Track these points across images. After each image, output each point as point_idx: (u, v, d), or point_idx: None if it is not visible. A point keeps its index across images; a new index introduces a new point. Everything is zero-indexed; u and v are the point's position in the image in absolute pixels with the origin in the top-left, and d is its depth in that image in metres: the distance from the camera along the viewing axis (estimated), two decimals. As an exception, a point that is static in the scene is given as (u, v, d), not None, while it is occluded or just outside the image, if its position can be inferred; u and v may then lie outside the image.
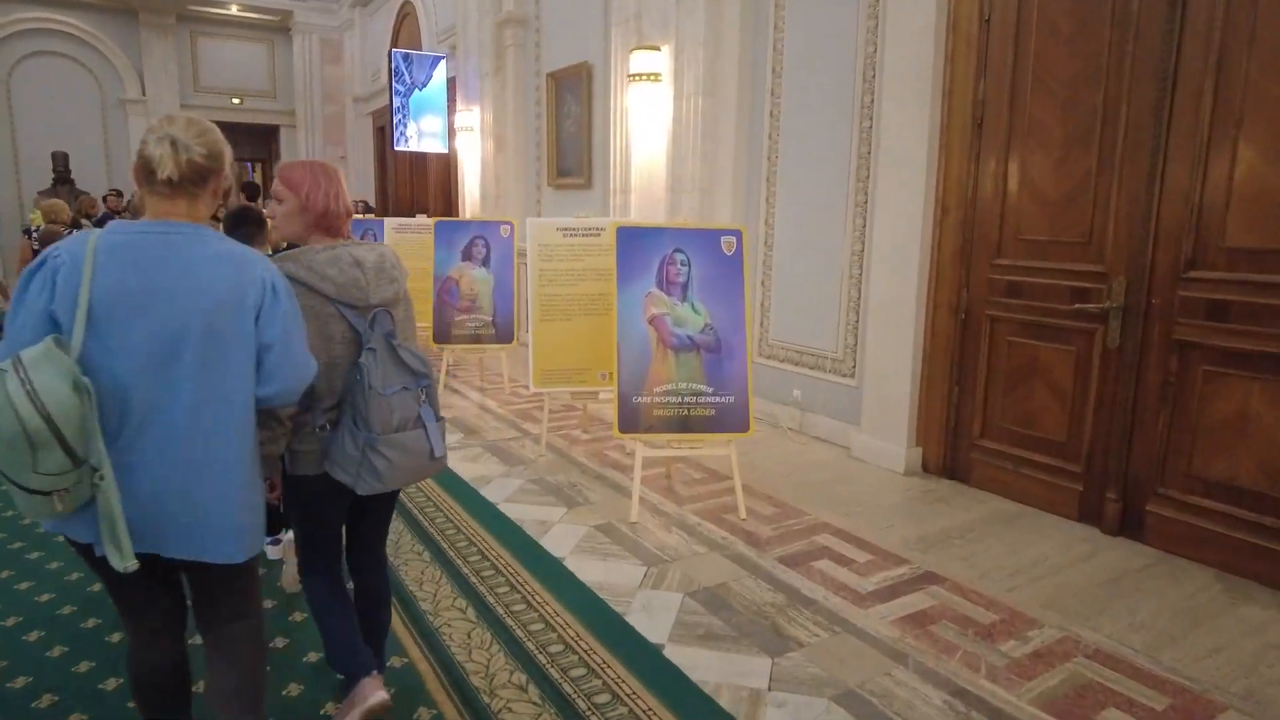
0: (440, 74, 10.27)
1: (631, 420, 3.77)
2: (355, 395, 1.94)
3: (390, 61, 9.94)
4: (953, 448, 4.38)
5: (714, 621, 2.83)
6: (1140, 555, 3.41)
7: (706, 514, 3.81)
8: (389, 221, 7.87)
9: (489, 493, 4.08)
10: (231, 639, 1.86)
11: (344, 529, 2.28)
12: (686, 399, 3.79)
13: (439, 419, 2.08)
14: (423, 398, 2.03)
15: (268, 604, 2.90)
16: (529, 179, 8.86)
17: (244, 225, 3.37)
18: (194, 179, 1.68)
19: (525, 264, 5.11)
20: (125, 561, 1.58)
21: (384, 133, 13.99)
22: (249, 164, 20.56)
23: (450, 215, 11.04)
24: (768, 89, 5.44)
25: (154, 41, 15.20)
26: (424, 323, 6.81)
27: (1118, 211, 3.58)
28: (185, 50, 15.70)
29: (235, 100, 16.20)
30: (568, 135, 7.97)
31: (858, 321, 4.86)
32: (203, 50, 15.93)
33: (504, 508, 3.87)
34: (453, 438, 5.08)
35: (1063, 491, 3.84)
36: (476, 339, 6.38)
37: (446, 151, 10.42)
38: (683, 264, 3.87)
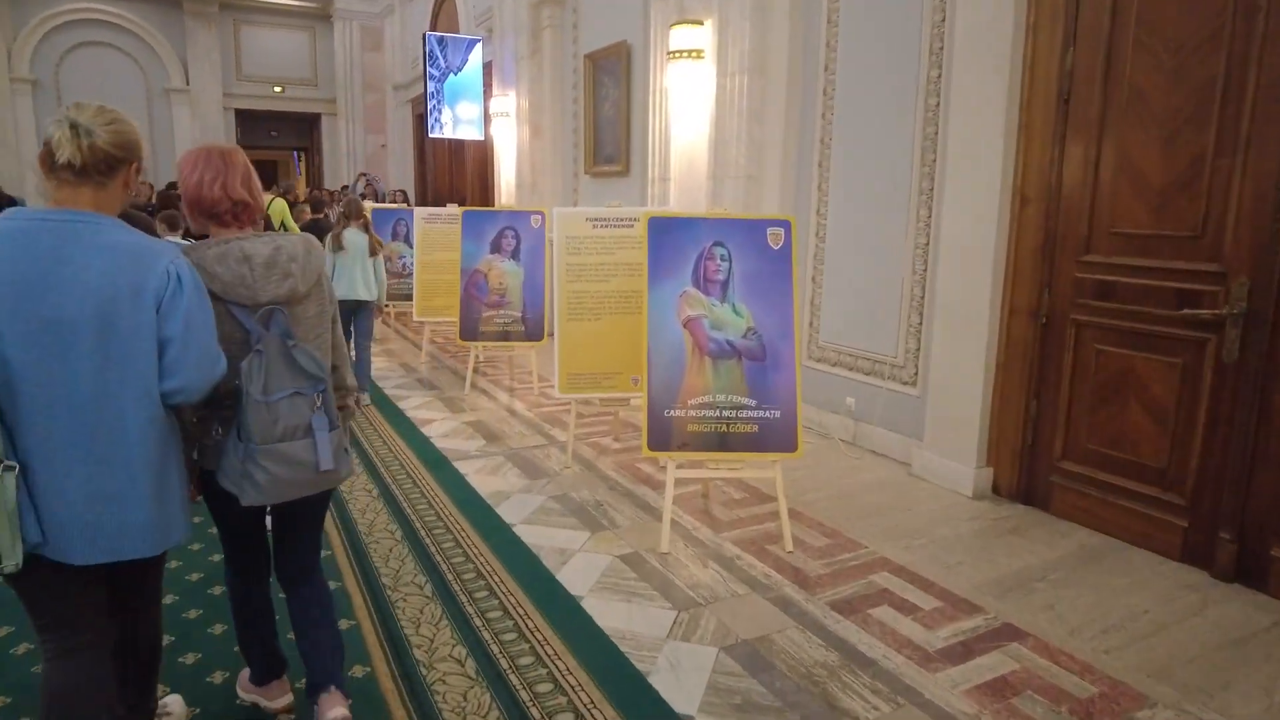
0: (476, 58, 9.92)
1: (662, 436, 3.34)
2: (238, 401, 1.83)
3: (425, 44, 9.62)
4: (1029, 470, 3.86)
5: (754, 687, 2.39)
6: (1264, 610, 2.87)
7: (747, 544, 3.36)
8: (419, 212, 7.55)
9: (506, 511, 3.69)
10: (134, 631, 1.93)
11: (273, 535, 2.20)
12: (726, 413, 3.34)
13: (334, 427, 1.93)
14: (318, 404, 1.90)
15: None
16: (566, 167, 8.46)
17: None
18: (100, 168, 1.64)
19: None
20: (7, 561, 1.55)
21: (423, 121, 13.74)
22: (295, 153, 20.60)
23: (488, 205, 10.72)
24: (820, 65, 4.94)
25: (198, 30, 15.18)
26: (451, 317, 6.49)
27: (1241, 201, 3.02)
28: (228, 38, 15.66)
29: (277, 89, 16.13)
30: (605, 120, 7.55)
31: (921, 324, 4.35)
32: (245, 38, 15.88)
33: (521, 531, 3.48)
34: (473, 444, 4.71)
35: (1162, 526, 3.31)
36: (505, 336, 6.00)
37: (483, 139, 10.08)
38: (723, 259, 3.41)
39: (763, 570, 3.12)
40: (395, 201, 11.86)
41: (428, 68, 9.62)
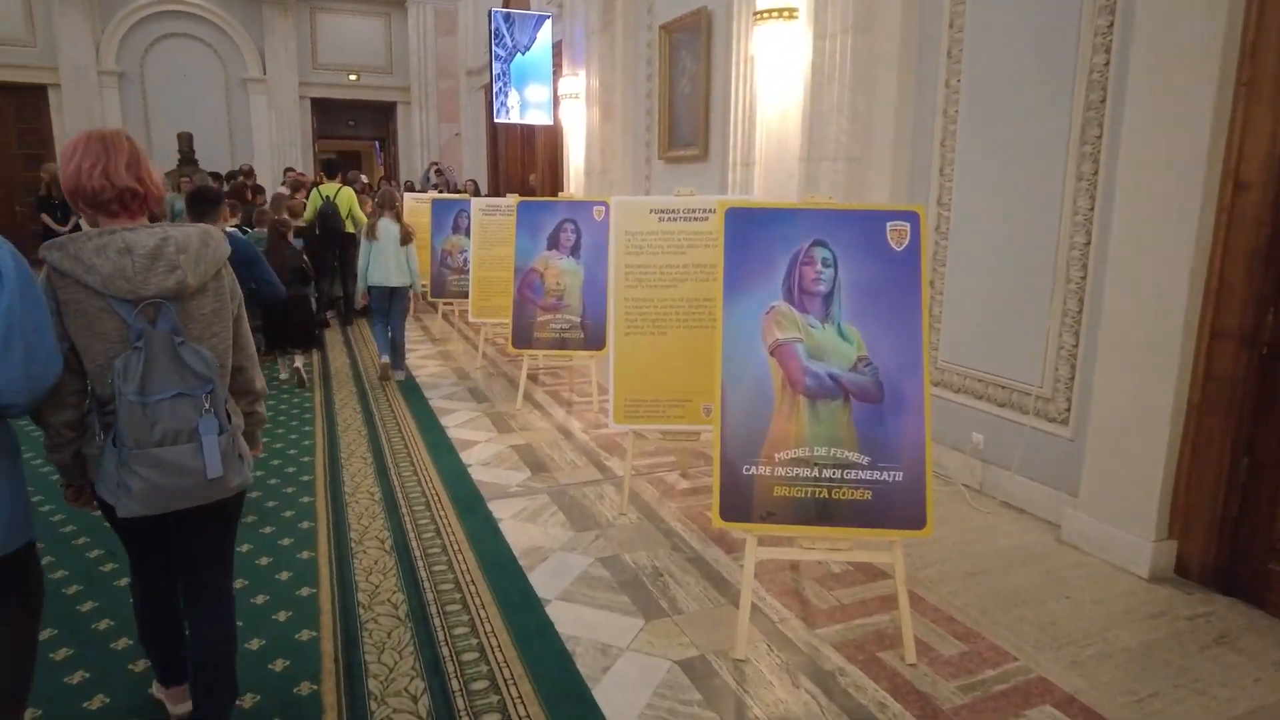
0: (545, 36, 9.21)
1: (740, 503, 2.51)
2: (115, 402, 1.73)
3: (490, 22, 8.97)
4: (1234, 549, 2.88)
5: None
6: None
7: (853, 648, 2.51)
8: (476, 203, 6.89)
9: (540, 579, 2.94)
10: None
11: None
12: (828, 473, 2.49)
13: (224, 431, 1.80)
14: (206, 406, 1.78)
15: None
16: (638, 152, 7.67)
17: (201, 204, 3.81)
18: None
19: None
20: None
21: (495, 107, 13.20)
22: (376, 143, 20.44)
23: (556, 195, 10.04)
24: (944, 18, 3.99)
25: (275, 19, 15.02)
26: (505, 318, 5.81)
27: None
28: (305, 27, 15.46)
29: (352, 77, 15.87)
30: (682, 98, 6.71)
31: (1077, 346, 3.38)
32: (321, 26, 15.66)
33: (556, 611, 2.72)
34: (515, 477, 3.99)
35: None
36: (562, 344, 5.27)
37: (552, 123, 9.38)
38: (825, 264, 2.56)
39: (876, 694, 2.27)
40: (467, 192, 11.33)
41: (494, 47, 8.97)
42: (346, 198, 8.69)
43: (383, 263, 5.96)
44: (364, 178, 12.32)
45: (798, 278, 2.55)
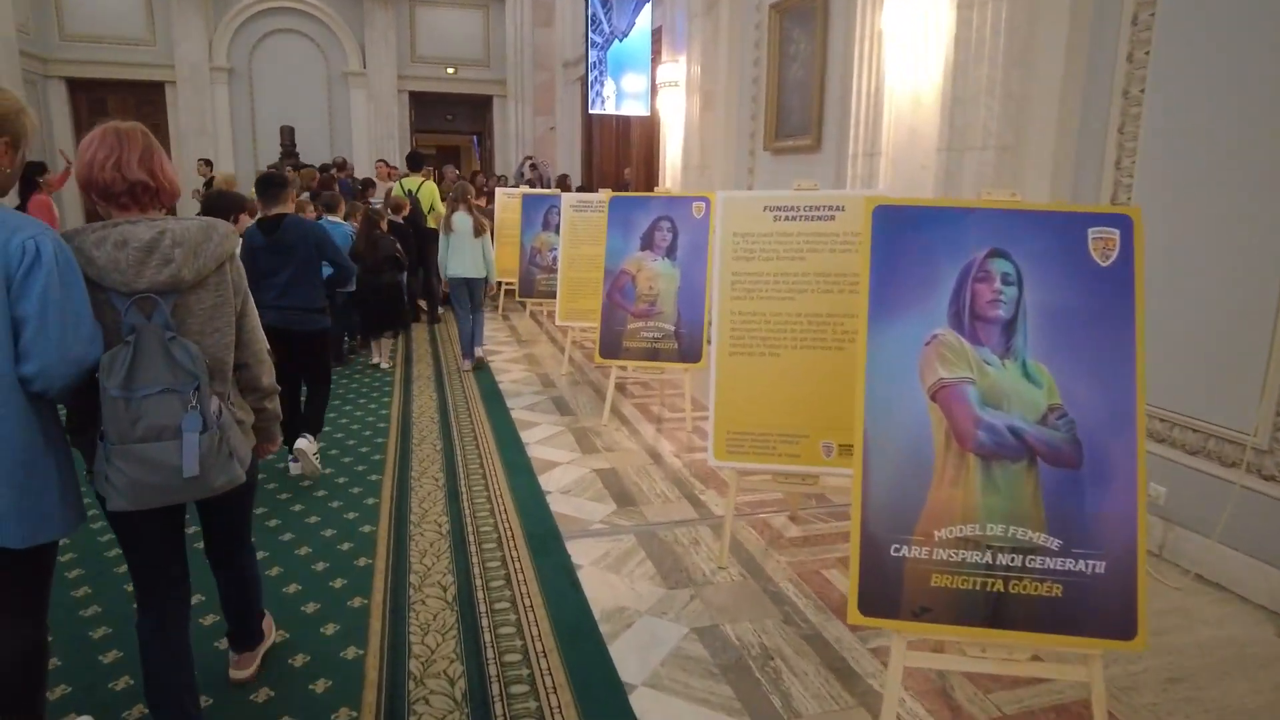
0: (645, 22, 8.72)
1: (886, 592, 1.94)
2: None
3: (587, 6, 8.55)
4: None
5: None
6: None
7: (1028, 786, 1.91)
8: (567, 198, 6.46)
9: (624, 654, 2.43)
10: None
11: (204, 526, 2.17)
12: (1004, 559, 1.89)
13: (206, 429, 1.75)
14: (193, 402, 1.74)
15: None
16: (740, 143, 7.08)
17: (269, 188, 3.96)
18: None
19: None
20: None
21: (590, 99, 12.82)
22: (475, 138, 20.47)
23: (651, 190, 9.56)
24: (1133, -23, 3.27)
25: (375, 12, 15.08)
26: (593, 322, 5.36)
27: None
28: (404, 20, 15.48)
29: (449, 70, 15.81)
30: (793, 83, 6.10)
31: (1315, 386, 2.65)
32: (420, 19, 15.65)
33: (642, 702, 2.21)
34: (598, 510, 3.51)
35: None
36: (654, 354, 4.76)
37: (648, 114, 8.89)
38: (1006, 281, 1.96)
39: None
40: (561, 187, 11.00)
41: (590, 33, 8.55)
42: (429, 192, 8.50)
43: (460, 255, 6.08)
44: (455, 170, 12.18)
45: (969, 298, 1.95)
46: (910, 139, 4.26)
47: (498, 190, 9.14)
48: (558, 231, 7.52)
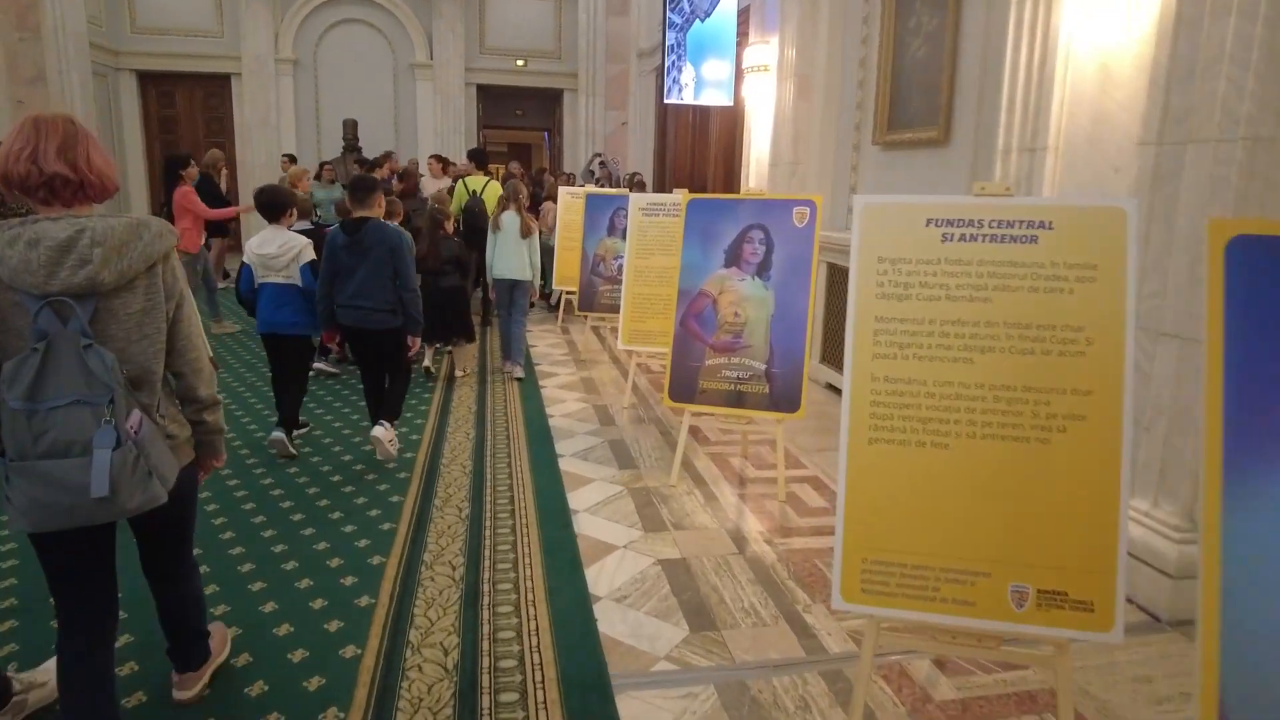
0: (730, 1, 7.72)
1: None
2: None
3: (665, -17, 7.60)
4: None
5: None
6: None
7: None
8: (636, 199, 5.50)
9: None
10: None
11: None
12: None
13: (120, 445, 1.62)
14: (106, 416, 1.62)
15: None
16: (842, 137, 6.02)
17: (359, 190, 3.99)
18: None
19: (849, 284, 2.35)
20: None
21: (665, 91, 11.86)
22: (545, 133, 19.74)
23: (732, 191, 8.53)
24: None
25: (444, 2, 14.44)
26: (662, 346, 4.41)
27: None
28: (473, 9, 14.80)
29: (519, 62, 15.07)
30: (914, 65, 5.01)
31: None
32: (490, 8, 14.95)
33: None
34: (662, 632, 2.54)
35: None
36: (738, 399, 3.77)
37: (731, 104, 7.88)
38: None
39: None
40: (631, 187, 10.06)
41: (668, 13, 7.59)
42: (494, 192, 7.71)
43: (505, 255, 5.81)
44: (520, 167, 11.38)
45: None
46: (1095, 128, 3.16)
47: (561, 191, 8.26)
48: (625, 237, 6.63)
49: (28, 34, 11.34)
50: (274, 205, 4.19)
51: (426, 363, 5.92)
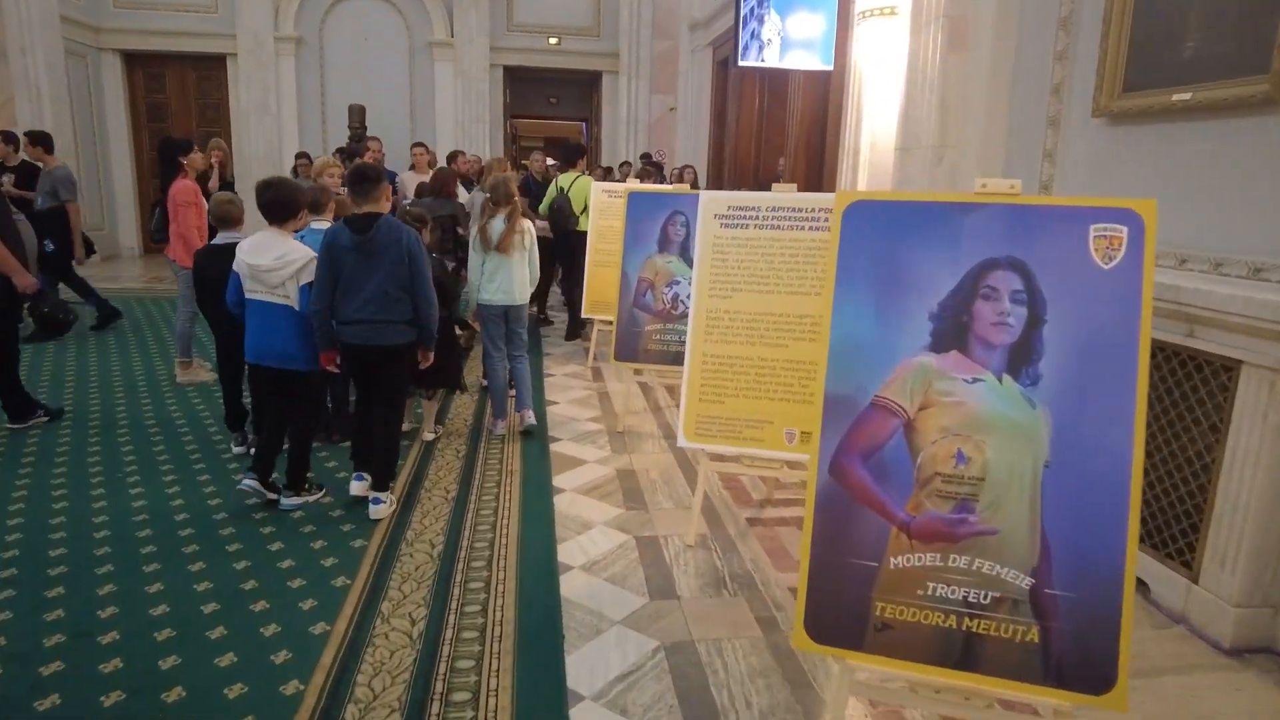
0: (831, -74, 5.62)
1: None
2: None
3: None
4: None
5: None
6: None
7: None
8: (709, 202, 3.39)
9: None
10: None
11: None
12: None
13: None
14: None
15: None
16: (1027, 105, 3.89)
17: (362, 183, 3.32)
18: None
19: None
20: None
21: (726, 66, 9.78)
22: (584, 123, 17.64)
23: (820, 187, 6.42)
24: None
25: (466, -31, 12.54)
26: (767, 449, 2.44)
27: None
28: (500, -20, 12.89)
29: (552, 40, 13.09)
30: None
31: None
32: (520, -21, 13.02)
33: None
34: None
35: None
36: (964, 650, 1.70)
37: (831, 68, 5.77)
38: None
39: None
40: (686, 183, 8.00)
41: (745, -56, 5.50)
42: (582, 189, 6.60)
43: (506, 274, 4.36)
44: (548, 160, 9.39)
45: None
46: None
47: (594, 187, 6.25)
48: (684, 256, 4.58)
49: (-19, 6, 9.62)
50: (279, 204, 3.37)
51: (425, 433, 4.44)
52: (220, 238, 3.79)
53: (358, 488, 3.44)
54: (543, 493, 3.58)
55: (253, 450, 3.71)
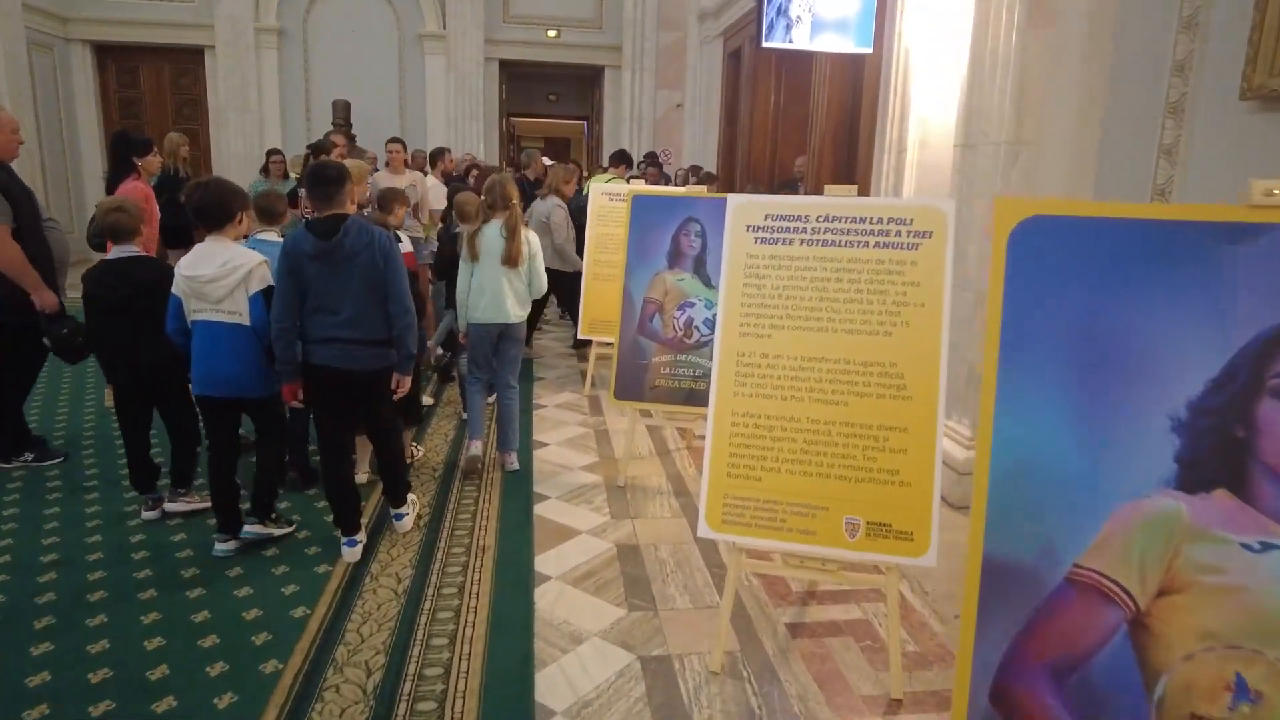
0: (870, -113, 4.82)
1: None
2: None
3: None
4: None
5: None
6: None
7: None
8: (739, 208, 2.60)
9: None
10: None
11: None
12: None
13: None
14: None
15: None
16: (1136, 92, 3.08)
17: (321, 185, 2.86)
18: None
19: None
20: None
21: (739, 58, 8.99)
22: (585, 122, 16.78)
23: (858, 189, 5.60)
24: None
25: (460, -44, 11.77)
26: (803, 538, 1.62)
27: None
28: (496, -34, 12.12)
29: (551, 33, 12.31)
30: None
31: None
32: (518, -34, 12.24)
33: None
34: None
35: None
36: None
37: (870, 50, 4.97)
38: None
39: None
40: (701, 183, 7.17)
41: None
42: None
43: (495, 288, 3.75)
44: (544, 161, 8.60)
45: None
46: None
47: (593, 189, 5.47)
48: (699, 275, 3.80)
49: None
50: (211, 207, 2.92)
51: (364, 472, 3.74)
52: (114, 252, 3.01)
53: (352, 554, 2.99)
54: (521, 585, 2.78)
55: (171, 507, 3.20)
